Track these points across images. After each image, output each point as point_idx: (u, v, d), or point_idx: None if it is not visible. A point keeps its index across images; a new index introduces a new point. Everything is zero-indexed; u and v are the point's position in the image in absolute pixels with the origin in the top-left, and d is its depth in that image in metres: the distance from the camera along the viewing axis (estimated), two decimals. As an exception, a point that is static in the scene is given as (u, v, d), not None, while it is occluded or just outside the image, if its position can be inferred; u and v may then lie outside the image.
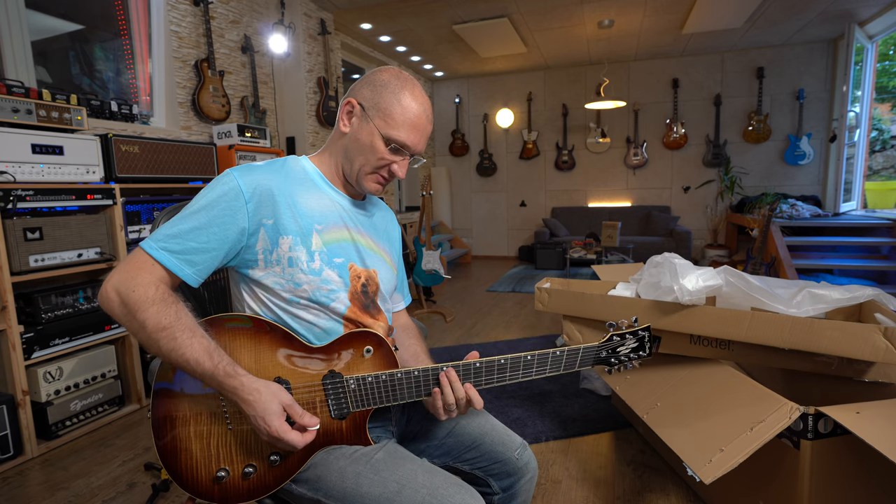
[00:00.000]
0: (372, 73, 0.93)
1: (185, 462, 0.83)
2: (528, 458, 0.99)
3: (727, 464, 1.11)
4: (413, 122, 0.90)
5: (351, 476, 0.83)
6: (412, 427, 1.03)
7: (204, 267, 0.84)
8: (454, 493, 0.80)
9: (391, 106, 0.89)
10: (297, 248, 0.88)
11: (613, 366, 0.96)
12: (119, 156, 2.30)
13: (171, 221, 0.83)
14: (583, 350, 0.92)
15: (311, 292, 0.88)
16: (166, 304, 0.78)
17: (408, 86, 0.91)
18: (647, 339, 0.97)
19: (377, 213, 1.08)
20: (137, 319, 0.76)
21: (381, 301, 0.99)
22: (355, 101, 0.91)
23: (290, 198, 0.89)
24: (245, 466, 0.83)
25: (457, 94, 7.08)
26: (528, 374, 0.90)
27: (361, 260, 0.96)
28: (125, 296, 0.77)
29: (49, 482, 1.80)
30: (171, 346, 0.76)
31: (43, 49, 2.63)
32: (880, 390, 1.44)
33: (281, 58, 3.90)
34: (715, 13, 4.52)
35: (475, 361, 0.88)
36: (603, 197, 6.69)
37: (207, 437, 0.83)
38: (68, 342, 2.08)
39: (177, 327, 0.77)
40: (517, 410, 2.25)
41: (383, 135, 0.89)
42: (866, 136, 5.24)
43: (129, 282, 0.78)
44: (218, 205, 0.83)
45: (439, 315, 4.04)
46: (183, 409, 0.84)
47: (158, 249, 0.80)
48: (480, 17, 4.58)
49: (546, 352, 0.89)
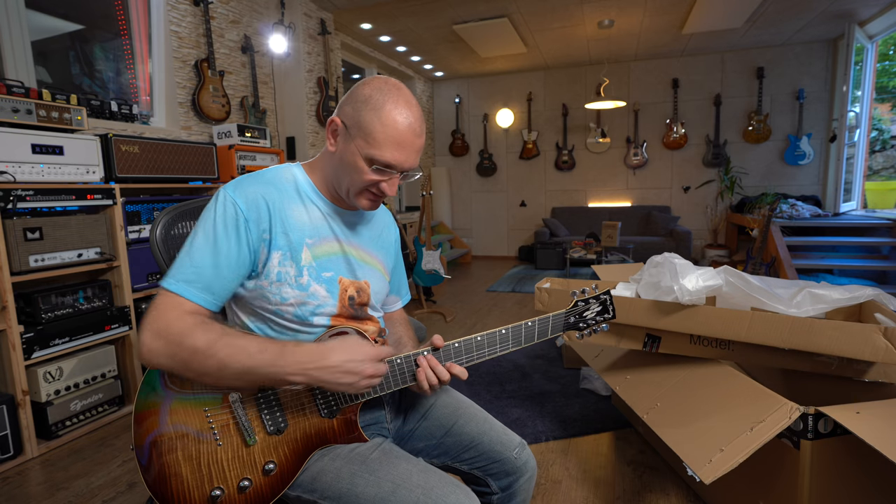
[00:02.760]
0: (356, 86, 0.88)
1: (176, 487, 0.80)
2: (526, 458, 0.99)
3: (727, 464, 1.11)
4: (396, 140, 0.84)
5: (346, 476, 0.83)
6: (408, 426, 1.03)
7: (223, 291, 0.84)
8: (449, 493, 0.80)
9: (371, 124, 0.83)
10: (286, 263, 0.87)
11: (583, 330, 1.02)
12: (119, 156, 2.30)
13: (181, 256, 0.83)
14: (552, 318, 0.97)
15: (296, 307, 0.88)
16: (206, 324, 0.79)
17: (390, 99, 0.84)
18: (609, 303, 1.03)
19: (373, 218, 1.05)
20: (186, 347, 0.76)
21: (370, 310, 0.99)
22: (339, 119, 0.88)
23: (282, 211, 0.88)
24: (240, 480, 0.81)
25: (457, 94, 7.08)
26: (506, 347, 0.94)
27: (352, 272, 0.95)
28: (166, 335, 0.76)
29: (49, 482, 1.80)
30: (230, 351, 0.76)
31: (43, 49, 2.63)
32: (880, 390, 1.44)
33: (281, 58, 3.90)
34: (715, 13, 4.52)
35: (454, 342, 0.91)
36: (603, 197, 6.69)
37: (197, 458, 0.81)
38: (68, 342, 2.08)
39: (227, 334, 0.79)
40: (517, 410, 2.25)
41: (364, 155, 0.85)
42: (866, 136, 5.24)
43: (163, 321, 0.77)
44: (222, 227, 0.83)
45: (439, 315, 4.04)
46: (167, 432, 0.81)
47: (177, 284, 0.80)
48: (480, 17, 4.58)
49: (518, 324, 0.94)
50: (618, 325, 1.59)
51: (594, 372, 2.28)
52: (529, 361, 2.88)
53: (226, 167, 2.91)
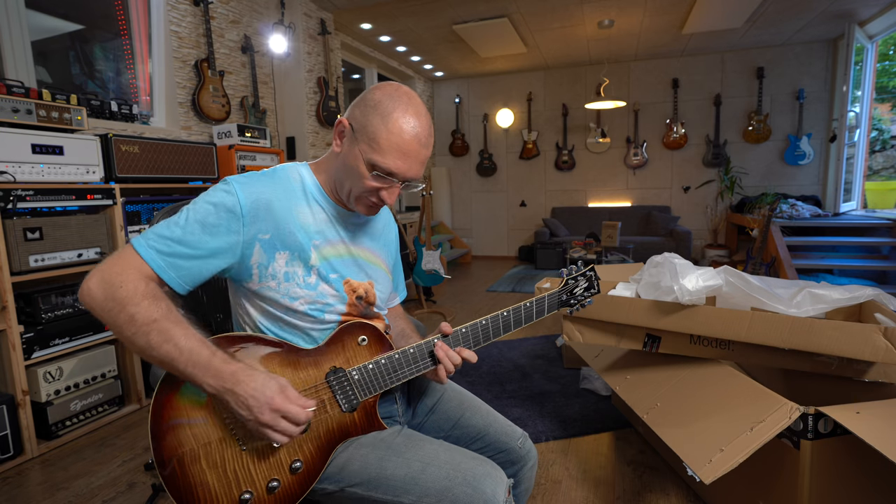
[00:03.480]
0: (368, 90, 0.89)
1: (204, 496, 0.79)
2: (529, 447, 1.04)
3: (727, 464, 1.11)
4: (401, 148, 0.83)
5: (374, 461, 0.85)
6: (417, 420, 1.06)
7: (189, 274, 0.81)
8: (476, 466, 0.83)
9: (377, 129, 0.83)
10: (293, 263, 0.87)
11: (573, 306, 1.09)
12: (119, 156, 2.30)
13: (166, 222, 0.81)
14: (547, 297, 1.04)
15: (306, 306, 0.89)
16: (156, 299, 0.76)
17: (400, 106, 0.84)
18: (594, 278, 1.10)
19: (375, 217, 1.06)
20: (125, 313, 0.73)
21: (376, 308, 1.01)
22: (346, 121, 0.87)
23: (289, 212, 0.88)
24: (269, 482, 0.82)
25: (457, 94, 7.08)
26: (508, 328, 0.99)
27: (359, 273, 0.97)
28: (112, 290, 0.74)
29: (49, 482, 1.80)
30: (163, 337, 0.74)
31: (43, 49, 2.63)
32: (880, 390, 1.44)
33: (281, 58, 3.90)
34: (715, 13, 4.52)
35: (461, 328, 0.95)
36: (603, 197, 6.69)
37: (222, 465, 0.80)
38: (68, 342, 2.08)
39: (169, 318, 0.75)
40: (517, 410, 2.25)
41: (366, 160, 0.84)
42: (866, 136, 5.24)
43: (117, 277, 0.75)
44: (213, 214, 0.82)
45: (439, 315, 4.04)
46: (189, 443, 0.79)
47: (147, 248, 0.78)
48: (480, 17, 4.58)
49: (518, 305, 1.00)
50: (618, 325, 1.59)
51: (594, 372, 2.28)
52: (529, 361, 2.88)
53: (226, 167, 2.92)
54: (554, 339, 3.30)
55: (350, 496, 0.86)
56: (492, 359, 2.93)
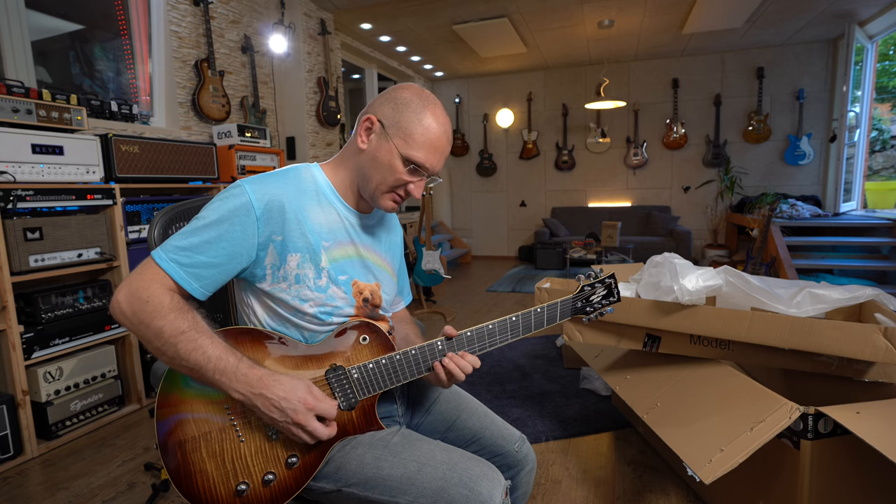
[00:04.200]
0: (393, 89, 0.92)
1: (202, 483, 0.81)
2: (527, 451, 1.02)
3: (727, 464, 1.11)
4: (433, 143, 0.90)
5: (371, 461, 0.85)
6: (414, 421, 1.06)
7: (211, 281, 0.84)
8: (472, 467, 0.84)
9: (412, 125, 0.88)
10: (304, 265, 0.89)
11: (589, 314, 1.03)
12: (119, 156, 2.30)
13: (182, 232, 0.83)
14: (560, 303, 0.99)
15: (315, 308, 0.90)
16: (182, 311, 0.79)
17: (429, 106, 0.90)
18: (613, 286, 1.04)
19: (384, 220, 1.08)
20: (153, 327, 0.77)
21: (381, 311, 1.01)
22: (375, 118, 0.90)
23: (300, 213, 0.89)
24: (265, 474, 0.83)
25: (457, 94, 7.08)
26: (516, 333, 0.96)
27: (366, 275, 0.97)
28: (140, 305, 0.77)
29: (49, 482, 1.80)
30: (191, 346, 0.77)
31: (43, 49, 2.63)
32: (880, 390, 1.44)
33: (281, 58, 3.90)
34: (715, 13, 4.52)
35: (466, 331, 0.93)
36: (603, 197, 6.69)
37: (221, 455, 0.82)
38: (68, 342, 2.08)
39: (196, 329, 0.78)
40: (517, 410, 2.25)
41: (402, 154, 0.89)
42: (866, 136, 5.24)
43: (142, 292, 0.78)
44: (229, 219, 0.83)
45: (439, 315, 4.04)
46: (191, 431, 0.82)
47: (168, 261, 0.80)
48: (480, 17, 4.58)
49: (528, 311, 0.96)
50: (618, 325, 1.59)
51: (594, 372, 2.28)
52: (529, 361, 2.88)
53: (226, 167, 2.92)
54: (554, 339, 3.30)
55: (348, 496, 0.86)
56: (492, 359, 2.93)
